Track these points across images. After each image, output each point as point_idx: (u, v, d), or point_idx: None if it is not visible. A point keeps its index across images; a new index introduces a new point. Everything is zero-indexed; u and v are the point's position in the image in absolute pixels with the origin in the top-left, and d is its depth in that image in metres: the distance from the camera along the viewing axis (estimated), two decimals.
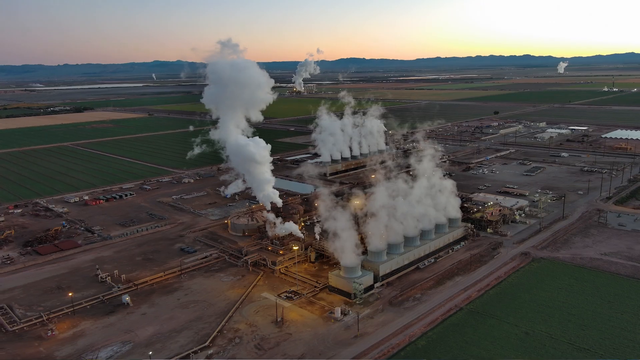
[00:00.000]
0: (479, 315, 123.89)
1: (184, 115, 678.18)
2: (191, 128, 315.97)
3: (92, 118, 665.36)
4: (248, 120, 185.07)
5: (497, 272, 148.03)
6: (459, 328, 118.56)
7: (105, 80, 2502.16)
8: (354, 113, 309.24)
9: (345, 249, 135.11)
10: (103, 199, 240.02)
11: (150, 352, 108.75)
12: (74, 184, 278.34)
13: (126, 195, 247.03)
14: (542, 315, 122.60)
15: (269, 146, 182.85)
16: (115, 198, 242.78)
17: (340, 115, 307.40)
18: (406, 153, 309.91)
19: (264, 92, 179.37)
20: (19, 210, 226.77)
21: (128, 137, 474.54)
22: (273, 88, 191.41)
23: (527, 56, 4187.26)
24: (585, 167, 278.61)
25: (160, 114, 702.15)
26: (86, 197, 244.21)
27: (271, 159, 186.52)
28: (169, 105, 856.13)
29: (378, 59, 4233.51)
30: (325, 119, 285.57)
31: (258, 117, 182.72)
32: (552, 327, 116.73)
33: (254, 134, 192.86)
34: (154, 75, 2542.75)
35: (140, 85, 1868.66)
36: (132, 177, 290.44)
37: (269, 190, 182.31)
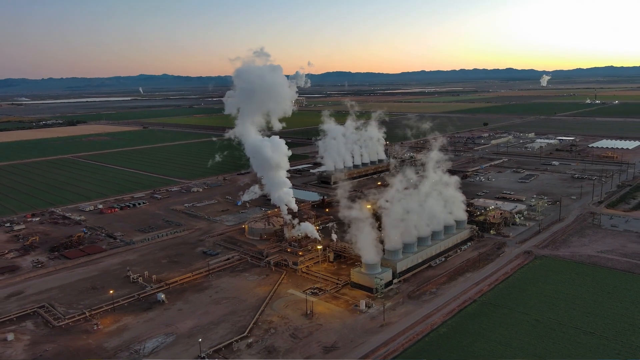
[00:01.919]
0: (492, 306, 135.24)
1: (179, 127, 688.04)
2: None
3: (86, 131, 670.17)
4: (270, 129, 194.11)
5: (504, 268, 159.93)
6: (475, 317, 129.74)
7: (92, 94, 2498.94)
8: (358, 119, 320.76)
9: (367, 247, 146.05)
10: (117, 208, 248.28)
11: (200, 339, 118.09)
12: (84, 194, 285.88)
13: (139, 204, 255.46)
14: (549, 305, 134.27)
15: (290, 152, 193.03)
16: (129, 206, 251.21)
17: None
18: (404, 163, 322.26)
19: (287, 100, 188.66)
20: (37, 219, 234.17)
21: (127, 149, 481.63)
22: None
23: (509, 69, 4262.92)
24: (575, 174, 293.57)
25: (154, 127, 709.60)
26: (100, 206, 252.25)
27: (288, 165, 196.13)
28: (162, 118, 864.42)
29: (364, 73, 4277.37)
30: (331, 126, 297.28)
31: (277, 125, 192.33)
32: (559, 315, 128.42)
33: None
34: (141, 89, 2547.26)
35: (129, 98, 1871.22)
36: (141, 187, 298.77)
37: (284, 192, 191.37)
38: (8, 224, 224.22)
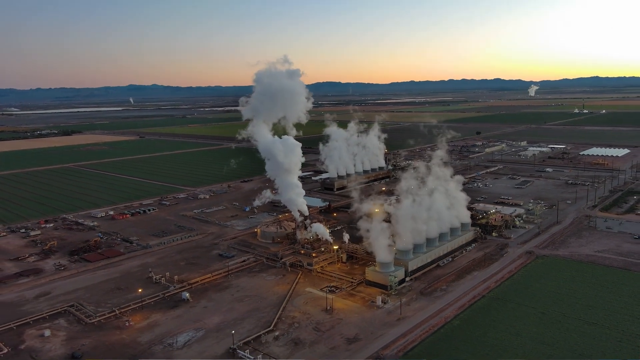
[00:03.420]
0: (500, 301, 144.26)
1: (176, 137, 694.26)
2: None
3: (83, 141, 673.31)
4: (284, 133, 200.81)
5: (508, 267, 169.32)
6: (485, 310, 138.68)
7: (81, 104, 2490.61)
8: (360, 124, 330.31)
9: (381, 247, 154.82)
10: (128, 214, 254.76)
11: (233, 331, 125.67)
12: (93, 201, 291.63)
13: (149, 210, 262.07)
14: (553, 299, 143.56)
15: (304, 159, 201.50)
16: (139, 213, 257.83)
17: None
18: (403, 170, 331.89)
19: (302, 106, 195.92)
20: (51, 225, 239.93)
21: (127, 158, 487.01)
22: None
23: (497, 80, 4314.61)
24: (569, 180, 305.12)
25: (151, 137, 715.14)
26: (111, 212, 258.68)
27: (300, 171, 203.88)
28: (157, 128, 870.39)
29: (353, 83, 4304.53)
30: (334, 129, 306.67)
31: (293, 132, 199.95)
32: (563, 308, 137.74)
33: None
34: (131, 99, 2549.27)
35: (120, 108, 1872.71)
36: (148, 195, 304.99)
37: (296, 194, 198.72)
38: (23, 230, 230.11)
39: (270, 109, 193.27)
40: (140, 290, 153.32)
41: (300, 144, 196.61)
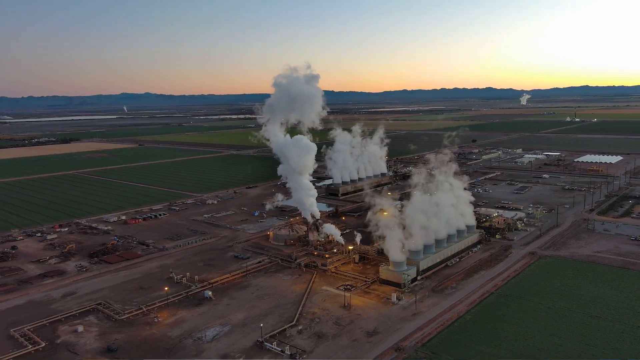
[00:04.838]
0: (508, 297, 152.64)
1: (174, 145, 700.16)
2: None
3: (83, 148, 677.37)
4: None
5: (513, 266, 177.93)
6: (494, 306, 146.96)
7: (74, 112, 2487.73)
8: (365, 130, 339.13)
9: (395, 247, 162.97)
10: (140, 219, 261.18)
11: (262, 324, 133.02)
12: (103, 207, 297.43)
13: (160, 215, 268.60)
14: (558, 295, 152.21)
15: (316, 165, 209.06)
16: (151, 217, 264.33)
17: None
18: (404, 176, 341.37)
19: (317, 111, 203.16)
20: (66, 229, 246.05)
21: (130, 166, 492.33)
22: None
23: (489, 89, 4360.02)
24: (566, 186, 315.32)
25: (149, 144, 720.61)
26: (124, 217, 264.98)
27: (311, 175, 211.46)
28: (154, 135, 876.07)
29: (347, 92, 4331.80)
30: (341, 139, 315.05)
31: (308, 136, 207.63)
32: (568, 303, 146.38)
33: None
34: (125, 108, 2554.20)
35: (114, 117, 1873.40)
36: (156, 200, 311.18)
37: (307, 196, 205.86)
38: (39, 234, 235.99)
39: (287, 112, 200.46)
40: (166, 288, 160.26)
41: (315, 147, 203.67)
